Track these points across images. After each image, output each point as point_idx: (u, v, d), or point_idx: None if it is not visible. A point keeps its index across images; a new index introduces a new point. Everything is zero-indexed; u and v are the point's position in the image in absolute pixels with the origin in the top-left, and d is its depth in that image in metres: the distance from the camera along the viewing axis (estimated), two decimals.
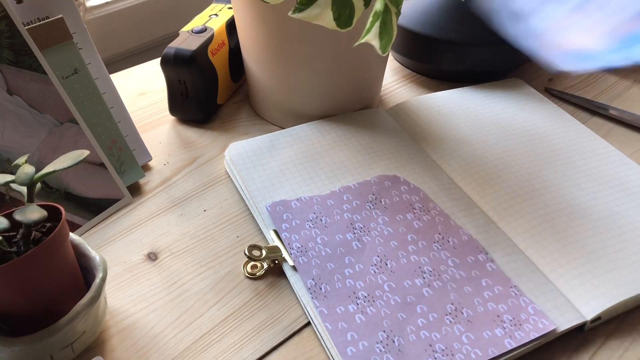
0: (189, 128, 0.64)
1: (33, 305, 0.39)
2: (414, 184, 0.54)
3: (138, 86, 0.70)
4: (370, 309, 0.44)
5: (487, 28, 0.67)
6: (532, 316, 0.43)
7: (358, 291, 0.45)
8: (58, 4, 0.51)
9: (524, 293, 0.45)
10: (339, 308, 0.44)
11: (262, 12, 0.55)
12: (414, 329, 0.43)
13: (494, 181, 0.55)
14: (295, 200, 0.52)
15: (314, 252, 0.48)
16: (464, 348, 0.42)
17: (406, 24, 0.69)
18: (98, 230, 0.52)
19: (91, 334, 0.42)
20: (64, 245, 0.40)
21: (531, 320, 0.43)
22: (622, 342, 0.44)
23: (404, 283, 0.46)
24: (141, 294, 0.47)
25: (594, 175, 0.56)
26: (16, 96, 0.48)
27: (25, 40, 0.47)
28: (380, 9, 0.44)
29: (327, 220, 0.50)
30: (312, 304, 0.44)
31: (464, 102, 0.66)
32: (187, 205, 0.55)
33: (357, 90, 0.62)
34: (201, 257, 0.50)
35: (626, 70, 0.75)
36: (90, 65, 0.54)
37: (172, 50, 0.60)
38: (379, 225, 0.50)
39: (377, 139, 0.59)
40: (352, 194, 0.53)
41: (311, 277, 0.46)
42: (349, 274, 0.46)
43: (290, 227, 0.50)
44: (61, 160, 0.39)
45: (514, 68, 0.72)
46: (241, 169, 0.55)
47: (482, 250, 0.48)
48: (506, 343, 0.42)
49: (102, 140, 0.54)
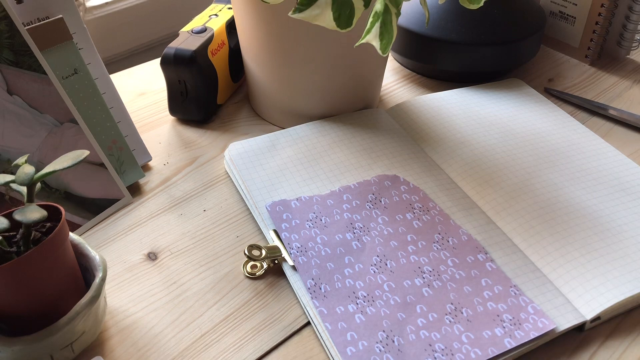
0: (189, 128, 0.64)
1: (33, 305, 0.39)
2: (414, 184, 0.54)
3: (138, 86, 0.70)
4: (370, 309, 0.44)
5: (487, 28, 0.67)
6: (531, 315, 0.43)
7: (358, 291, 0.45)
8: (58, 4, 0.51)
9: (523, 292, 0.45)
10: (339, 308, 0.44)
11: (262, 12, 0.55)
12: (413, 328, 0.43)
13: (494, 181, 0.55)
14: (295, 200, 0.52)
15: (314, 251, 0.48)
16: (464, 347, 0.42)
17: (406, 24, 0.69)
18: (98, 230, 0.52)
19: (91, 334, 0.42)
20: (64, 245, 0.40)
21: (531, 319, 0.43)
22: (622, 342, 0.44)
23: (403, 283, 0.46)
24: (141, 294, 0.47)
25: (593, 175, 0.56)
26: (16, 96, 0.48)
27: (25, 40, 0.47)
28: (380, 9, 0.44)
29: (326, 220, 0.50)
30: (311, 303, 0.44)
31: (464, 102, 0.66)
32: (187, 205, 0.55)
33: (357, 90, 0.62)
34: (201, 257, 0.50)
35: (626, 70, 0.75)
36: (90, 65, 0.54)
37: (172, 51, 0.60)
38: (378, 225, 0.50)
39: (377, 139, 0.59)
40: (352, 194, 0.53)
41: (311, 277, 0.46)
42: (348, 274, 0.46)
43: (290, 226, 0.50)
44: (61, 160, 0.39)
45: (514, 68, 0.72)
46: (241, 169, 0.55)
47: (481, 250, 0.48)
48: (506, 342, 0.42)
49: (102, 140, 0.54)
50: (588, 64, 0.76)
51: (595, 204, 0.53)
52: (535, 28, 0.70)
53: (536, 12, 0.72)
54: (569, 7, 0.75)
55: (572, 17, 0.75)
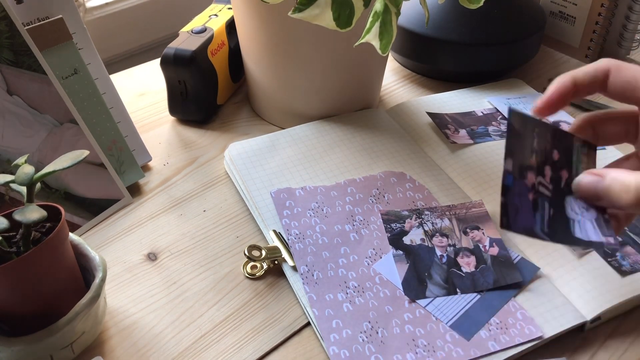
0: (189, 128, 0.64)
1: (33, 305, 0.39)
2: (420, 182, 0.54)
3: (138, 86, 0.70)
4: (359, 299, 0.44)
5: (487, 28, 0.67)
6: (519, 321, 0.43)
7: (349, 281, 0.46)
8: (58, 4, 0.51)
9: (514, 298, 0.45)
10: (328, 295, 0.45)
11: (262, 12, 0.55)
12: (399, 322, 0.43)
13: (494, 181, 0.55)
14: (299, 189, 0.52)
15: (311, 239, 0.48)
16: (447, 346, 0.42)
17: (406, 24, 0.69)
18: (98, 230, 0.52)
19: (91, 334, 0.42)
20: (64, 246, 0.40)
21: (518, 325, 0.43)
22: (622, 342, 0.44)
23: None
24: (141, 294, 0.47)
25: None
26: (16, 96, 0.48)
27: (25, 40, 0.47)
28: (380, 9, 0.44)
29: (328, 210, 0.51)
30: (303, 289, 0.45)
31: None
32: (187, 206, 0.55)
33: (357, 91, 0.62)
34: (201, 257, 0.50)
35: None
36: (90, 66, 0.54)
37: (172, 51, 0.60)
38: (378, 219, 0.50)
39: (377, 139, 0.59)
40: (356, 187, 0.53)
41: (305, 264, 0.47)
42: (342, 264, 0.47)
43: (291, 213, 0.50)
44: (61, 160, 0.39)
45: (514, 68, 0.72)
46: (241, 169, 0.55)
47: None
48: (489, 345, 0.42)
49: (102, 141, 0.54)
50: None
51: None
52: (535, 28, 0.69)
53: (536, 12, 0.72)
54: (569, 7, 0.75)
55: (572, 17, 0.75)
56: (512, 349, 0.42)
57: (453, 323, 0.43)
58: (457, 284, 0.45)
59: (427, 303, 0.44)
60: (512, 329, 0.43)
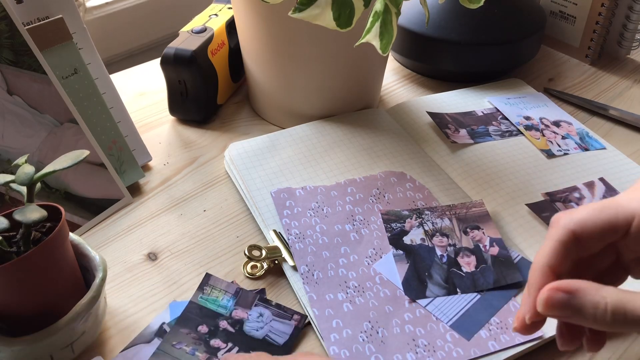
0: (189, 128, 0.64)
1: (33, 305, 0.39)
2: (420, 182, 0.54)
3: (138, 86, 0.70)
4: (359, 299, 0.44)
5: (487, 28, 0.67)
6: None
7: (349, 281, 0.46)
8: (58, 4, 0.51)
9: (515, 298, 0.45)
10: (328, 295, 0.45)
11: (262, 12, 0.55)
12: (399, 322, 0.43)
13: (494, 181, 0.55)
14: (300, 189, 0.52)
15: (312, 239, 0.48)
16: (447, 346, 0.42)
17: (406, 24, 0.69)
18: (98, 230, 0.52)
19: (91, 334, 0.42)
20: (64, 246, 0.40)
21: None
22: (622, 342, 0.44)
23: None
24: (141, 294, 0.47)
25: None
26: (16, 96, 0.48)
27: (25, 40, 0.47)
28: (380, 9, 0.44)
29: (328, 210, 0.51)
30: (303, 289, 0.45)
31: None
32: (187, 205, 0.55)
33: (357, 90, 0.62)
34: (201, 257, 0.50)
35: (626, 69, 0.75)
36: (90, 65, 0.54)
37: (172, 51, 0.60)
38: (378, 219, 0.50)
39: (377, 139, 0.59)
40: (356, 187, 0.53)
41: (305, 263, 0.47)
42: (342, 264, 0.47)
43: (291, 213, 0.50)
44: (61, 160, 0.39)
45: (514, 68, 0.72)
46: (241, 169, 0.55)
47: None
48: (490, 345, 0.42)
49: (102, 140, 0.54)
50: (588, 64, 0.76)
51: None
52: (535, 28, 0.69)
53: (536, 12, 0.72)
54: (569, 6, 0.75)
55: (573, 16, 0.75)
56: (512, 349, 0.42)
57: (453, 323, 0.43)
58: (458, 283, 0.45)
59: (427, 303, 0.44)
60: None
